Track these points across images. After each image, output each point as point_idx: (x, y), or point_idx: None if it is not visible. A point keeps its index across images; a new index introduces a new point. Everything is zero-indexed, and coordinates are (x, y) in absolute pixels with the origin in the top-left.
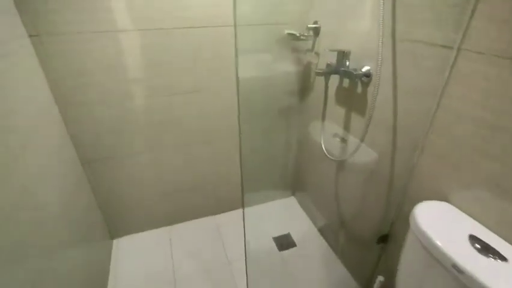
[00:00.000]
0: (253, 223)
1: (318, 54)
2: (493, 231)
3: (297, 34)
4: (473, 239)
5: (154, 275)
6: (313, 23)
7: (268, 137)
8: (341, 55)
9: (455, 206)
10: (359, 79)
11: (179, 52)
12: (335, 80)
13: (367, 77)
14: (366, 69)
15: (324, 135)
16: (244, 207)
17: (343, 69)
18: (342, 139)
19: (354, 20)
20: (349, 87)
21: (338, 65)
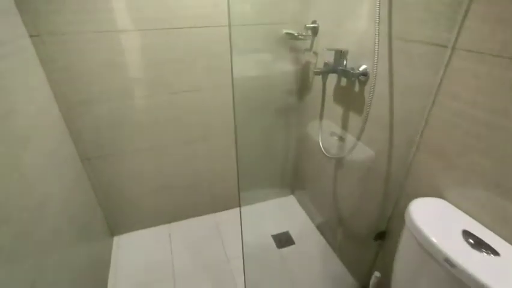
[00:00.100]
0: (252, 221)
1: (316, 54)
2: (487, 227)
3: (296, 34)
4: (467, 234)
5: (153, 272)
6: (312, 23)
7: (267, 136)
8: (338, 54)
9: (451, 202)
10: (356, 78)
11: (179, 52)
12: (332, 79)
13: (364, 76)
14: (363, 68)
15: (322, 133)
16: (240, 205)
17: (341, 68)
18: (339, 137)
19: (351, 19)
20: (346, 86)
21: (336, 64)
